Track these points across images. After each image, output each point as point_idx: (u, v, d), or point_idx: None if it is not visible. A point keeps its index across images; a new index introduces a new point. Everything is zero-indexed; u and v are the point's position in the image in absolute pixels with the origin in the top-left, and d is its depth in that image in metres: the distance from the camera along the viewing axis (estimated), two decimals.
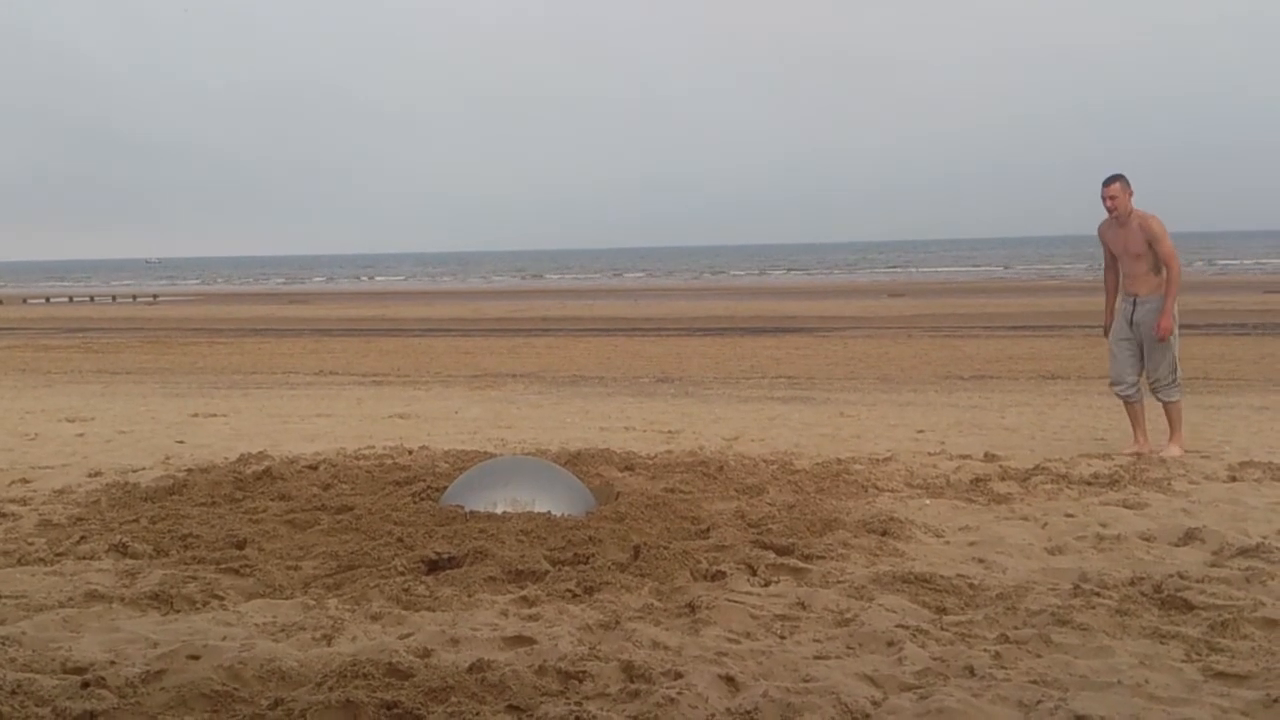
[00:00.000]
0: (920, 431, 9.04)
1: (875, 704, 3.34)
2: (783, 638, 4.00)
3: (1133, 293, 8.05)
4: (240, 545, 5.28)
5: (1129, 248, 7.95)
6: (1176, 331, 7.97)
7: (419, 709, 3.26)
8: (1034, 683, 3.49)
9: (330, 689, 3.38)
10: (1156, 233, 7.83)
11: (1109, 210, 7.94)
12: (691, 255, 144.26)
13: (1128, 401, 8.11)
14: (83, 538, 5.47)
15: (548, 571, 4.74)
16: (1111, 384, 8.24)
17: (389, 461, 7.49)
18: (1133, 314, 8.02)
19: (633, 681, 3.51)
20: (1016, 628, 4.04)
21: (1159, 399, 8.00)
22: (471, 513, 5.55)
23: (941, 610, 4.28)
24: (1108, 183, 7.92)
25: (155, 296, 57.44)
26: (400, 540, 5.16)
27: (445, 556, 4.94)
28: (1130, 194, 7.92)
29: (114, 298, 56.23)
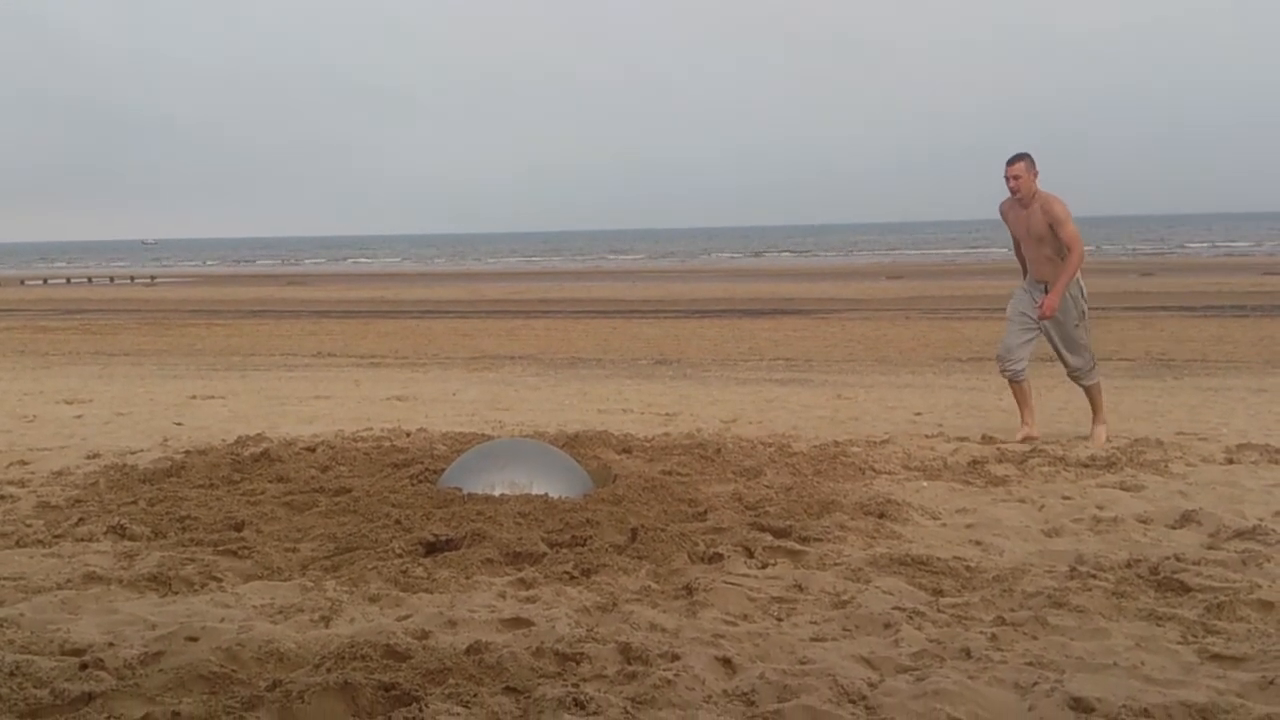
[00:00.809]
0: (918, 414, 9.05)
1: (872, 686, 3.35)
2: (780, 620, 4.01)
3: (1041, 279, 7.69)
4: (238, 527, 5.28)
5: (1031, 230, 7.60)
6: (1087, 317, 7.68)
7: (417, 690, 3.26)
8: (1030, 664, 3.50)
9: (328, 671, 3.38)
10: (1059, 215, 7.45)
11: (1011, 191, 7.58)
12: (689, 237, 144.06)
13: (1014, 380, 7.78)
14: (81, 520, 5.47)
15: (545, 554, 4.75)
16: (999, 358, 7.86)
17: (387, 444, 7.49)
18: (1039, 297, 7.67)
19: (630, 663, 3.52)
20: (1013, 610, 4.05)
21: (1082, 384, 7.75)
22: (469, 495, 5.55)
23: (938, 592, 4.29)
24: (1011, 162, 7.52)
25: (153, 278, 57.38)
26: (398, 522, 5.16)
27: (443, 539, 4.94)
28: (1035, 174, 7.53)
29: (112, 279, 56.17)
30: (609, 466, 6.40)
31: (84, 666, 3.47)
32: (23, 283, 53.80)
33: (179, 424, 8.81)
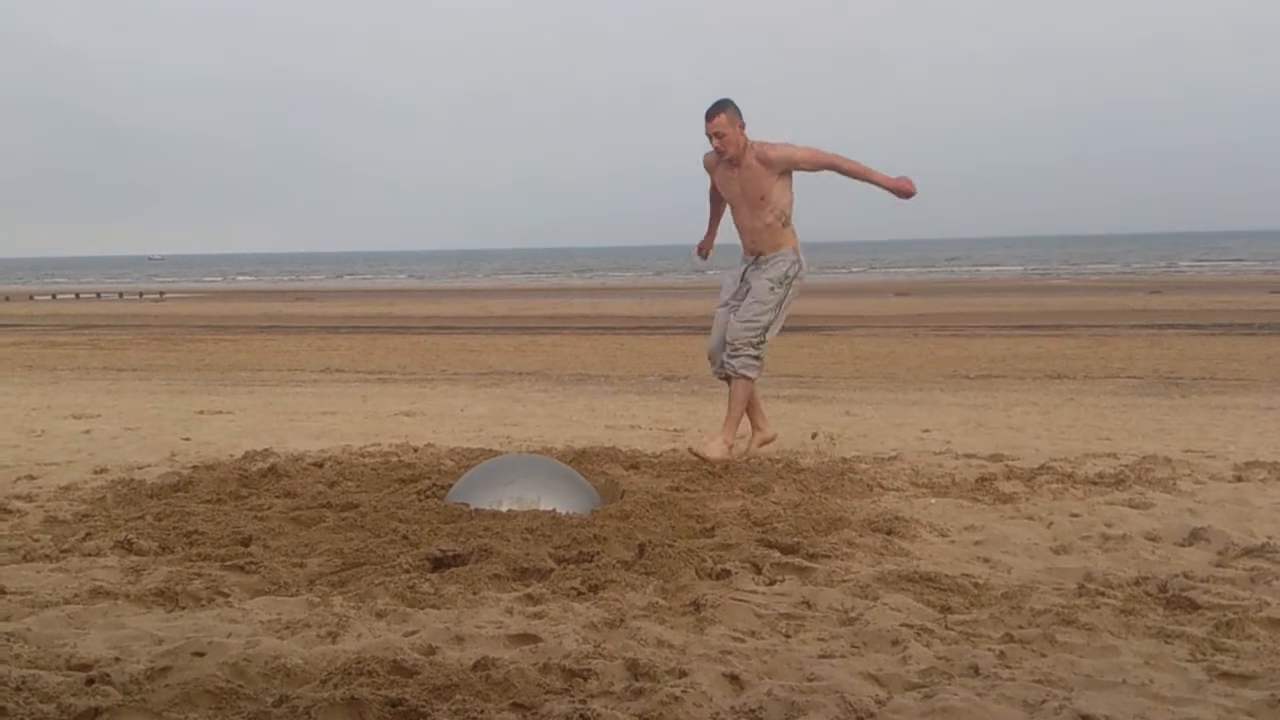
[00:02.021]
0: (926, 430, 9.03)
1: (880, 703, 3.34)
2: (787, 636, 4.00)
3: (756, 250, 6.61)
4: (245, 542, 5.28)
5: (747, 192, 6.43)
6: (787, 295, 6.61)
7: (423, 706, 3.26)
8: (1039, 682, 3.49)
9: (335, 686, 3.38)
10: (785, 153, 6.26)
11: (718, 151, 6.41)
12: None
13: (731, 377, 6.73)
14: (88, 534, 5.47)
15: (552, 569, 4.74)
16: (710, 356, 6.84)
17: (394, 459, 7.49)
18: (746, 272, 6.60)
19: (637, 680, 3.51)
20: (1021, 627, 4.04)
21: (729, 366, 6.58)
22: (476, 510, 5.55)
23: (946, 609, 4.27)
24: (710, 115, 6.29)
25: (161, 293, 57.61)
26: (405, 538, 5.16)
27: (450, 554, 4.94)
28: (742, 126, 6.33)
29: (120, 294, 56.40)
30: (616, 482, 6.40)
31: (90, 681, 3.46)
32: (31, 298, 54.03)
33: (187, 439, 8.82)
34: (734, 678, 3.51)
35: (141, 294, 56.81)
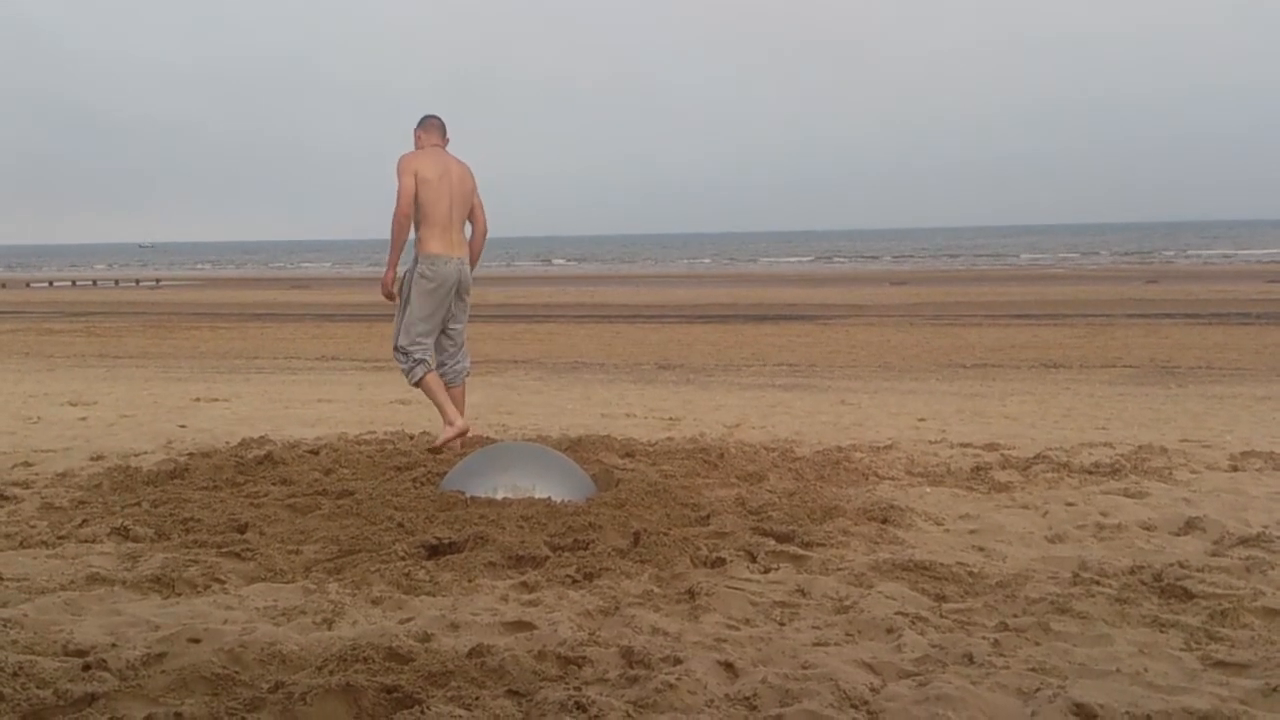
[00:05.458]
0: (921, 419, 9.04)
1: (874, 691, 3.34)
2: (782, 624, 4.01)
3: None
4: (241, 529, 5.28)
5: None
6: (406, 296, 6.90)
7: (419, 693, 3.26)
8: (1033, 670, 3.50)
9: (330, 673, 3.39)
10: (399, 171, 6.68)
11: None
12: (690, 242, 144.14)
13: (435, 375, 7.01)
14: (84, 521, 5.48)
15: (548, 557, 4.75)
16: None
17: (390, 446, 7.49)
18: None
19: (632, 667, 3.52)
20: (1016, 615, 4.05)
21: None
22: (472, 498, 5.55)
23: (941, 598, 4.28)
24: None
25: (158, 281, 57.56)
26: (401, 525, 5.17)
27: (446, 542, 4.95)
28: (418, 137, 6.92)
29: (116, 282, 56.32)
30: (611, 471, 6.39)
31: (87, 667, 3.47)
32: (28, 285, 53.96)
33: (183, 426, 8.82)
34: (728, 665, 3.52)
35: (138, 281, 56.75)
